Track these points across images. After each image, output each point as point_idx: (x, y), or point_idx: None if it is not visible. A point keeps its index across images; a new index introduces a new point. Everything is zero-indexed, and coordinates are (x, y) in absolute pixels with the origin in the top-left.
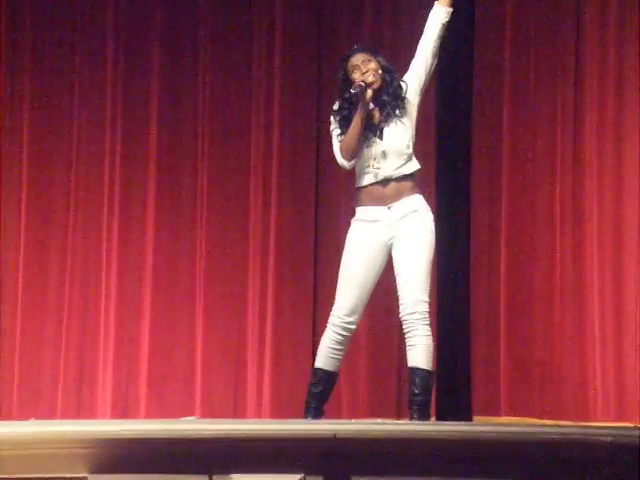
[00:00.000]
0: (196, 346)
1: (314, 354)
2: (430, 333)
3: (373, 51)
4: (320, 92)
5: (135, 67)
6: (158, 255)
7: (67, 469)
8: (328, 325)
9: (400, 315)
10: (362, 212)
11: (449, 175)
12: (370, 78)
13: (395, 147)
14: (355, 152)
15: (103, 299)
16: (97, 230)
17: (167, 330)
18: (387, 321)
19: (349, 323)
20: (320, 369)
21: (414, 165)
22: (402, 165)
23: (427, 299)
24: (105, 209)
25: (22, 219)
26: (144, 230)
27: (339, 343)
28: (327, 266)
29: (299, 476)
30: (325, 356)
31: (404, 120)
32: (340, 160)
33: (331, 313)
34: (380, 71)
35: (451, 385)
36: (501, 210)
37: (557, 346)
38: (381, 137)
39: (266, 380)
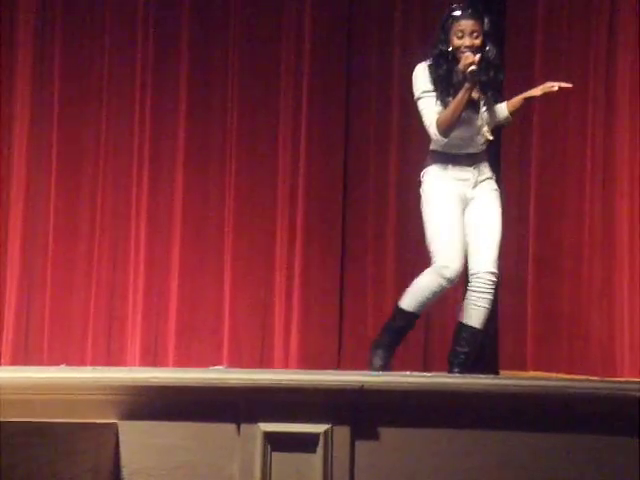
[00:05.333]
0: (224, 296)
1: (341, 305)
2: (493, 298)
3: (482, 17)
4: (350, 35)
5: (165, 21)
6: (187, 206)
7: (97, 415)
8: (435, 275)
9: (470, 275)
10: (450, 170)
11: None
12: (476, 58)
13: (486, 127)
14: (453, 129)
15: (132, 248)
16: (127, 180)
17: (195, 280)
18: (415, 274)
19: (458, 276)
20: (413, 313)
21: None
22: (484, 142)
23: (497, 271)
24: (135, 159)
25: (53, 168)
26: (173, 181)
27: (439, 293)
28: (356, 218)
29: (326, 426)
30: (422, 303)
31: (495, 96)
32: (435, 135)
33: (442, 264)
34: (487, 47)
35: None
36: (531, 163)
37: (585, 301)
38: (476, 115)
39: (293, 332)
